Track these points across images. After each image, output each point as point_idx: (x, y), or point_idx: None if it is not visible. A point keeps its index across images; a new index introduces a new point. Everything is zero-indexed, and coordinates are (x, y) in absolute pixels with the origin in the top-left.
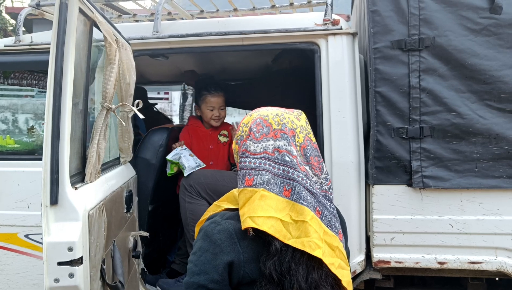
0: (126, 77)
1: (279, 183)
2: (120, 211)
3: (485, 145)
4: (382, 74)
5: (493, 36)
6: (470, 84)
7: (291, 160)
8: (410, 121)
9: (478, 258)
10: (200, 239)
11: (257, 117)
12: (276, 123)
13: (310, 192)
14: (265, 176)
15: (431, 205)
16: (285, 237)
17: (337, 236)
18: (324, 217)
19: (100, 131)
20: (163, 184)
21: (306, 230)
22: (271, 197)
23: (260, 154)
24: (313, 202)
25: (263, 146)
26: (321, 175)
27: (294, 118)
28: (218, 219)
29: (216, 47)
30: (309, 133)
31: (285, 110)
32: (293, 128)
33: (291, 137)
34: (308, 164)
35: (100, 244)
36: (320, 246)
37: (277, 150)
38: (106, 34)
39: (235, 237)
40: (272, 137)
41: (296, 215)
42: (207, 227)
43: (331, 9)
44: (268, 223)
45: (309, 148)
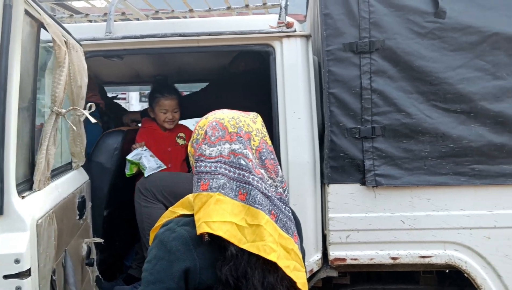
0: (77, 80)
1: (235, 187)
2: (72, 218)
3: (432, 144)
4: (335, 76)
5: (438, 40)
6: (418, 86)
7: (247, 164)
8: (362, 121)
9: (428, 252)
10: (155, 247)
11: (213, 120)
12: (232, 126)
13: (265, 195)
14: (220, 180)
15: (383, 202)
16: (240, 242)
17: (292, 238)
18: (279, 220)
19: (49, 136)
20: (119, 188)
21: (261, 234)
22: (227, 201)
23: (216, 158)
24: (268, 205)
25: (218, 149)
26: (276, 178)
27: (250, 121)
28: (173, 226)
29: (171, 48)
30: (264, 136)
31: (241, 113)
32: (249, 131)
33: (247, 140)
34: (264, 167)
35: (50, 254)
36: (275, 249)
37: (233, 154)
38: (54, 36)
39: (190, 244)
40: (228, 140)
41: (251, 219)
42: (162, 235)
43: (285, 12)
44: (223, 227)
45: (264, 151)
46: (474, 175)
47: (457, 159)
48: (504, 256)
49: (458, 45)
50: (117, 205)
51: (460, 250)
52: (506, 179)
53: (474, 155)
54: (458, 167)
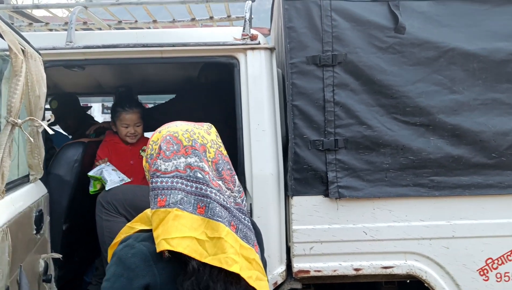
0: (35, 90)
1: (193, 201)
2: (28, 232)
3: (393, 156)
4: (299, 88)
5: (398, 54)
6: (379, 98)
7: (204, 177)
8: (325, 133)
9: (390, 263)
10: (113, 264)
11: (166, 134)
12: (186, 139)
13: (224, 207)
14: (178, 195)
15: (346, 214)
16: (201, 256)
17: (253, 248)
18: (239, 230)
19: (5, 147)
20: (78, 201)
21: (222, 247)
22: (185, 216)
23: (172, 173)
24: (227, 217)
25: (174, 164)
26: (234, 188)
27: (204, 132)
28: (132, 242)
29: (134, 59)
30: (220, 147)
31: (195, 125)
32: (204, 143)
33: (202, 153)
34: (221, 178)
35: (3, 271)
36: (237, 261)
37: (189, 167)
38: (11, 44)
39: (150, 260)
40: (183, 154)
41: (211, 232)
42: (120, 251)
43: (249, 24)
44: (183, 243)
45: (220, 162)
46: (433, 186)
47: (416, 171)
48: (462, 266)
49: (416, 60)
50: (77, 219)
51: (420, 260)
52: (463, 191)
53: (433, 167)
54: (418, 179)
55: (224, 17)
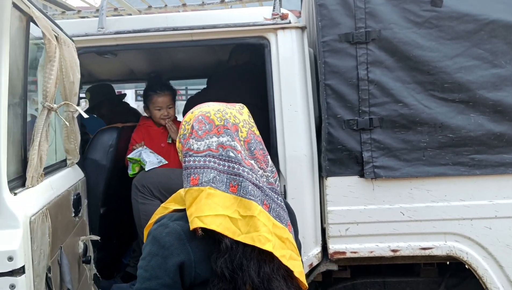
0: (69, 76)
1: (225, 180)
2: (67, 215)
3: (431, 134)
4: (331, 67)
5: (434, 28)
6: (415, 75)
7: (236, 156)
8: (360, 112)
9: (428, 244)
10: (148, 243)
11: (198, 114)
12: (218, 119)
13: (257, 186)
14: (210, 174)
15: (382, 194)
16: (234, 234)
17: (286, 227)
18: (272, 210)
19: (41, 132)
20: (114, 185)
21: (255, 225)
22: (218, 194)
23: (204, 152)
24: (260, 196)
25: (206, 143)
26: (267, 168)
27: (236, 112)
28: (166, 221)
29: (165, 43)
30: (252, 127)
31: (227, 105)
32: (236, 123)
33: (234, 132)
34: (253, 158)
35: (44, 251)
36: (270, 239)
37: (221, 147)
38: (44, 30)
39: (184, 238)
40: (215, 133)
41: (244, 210)
42: (155, 231)
43: (279, 3)
44: (216, 221)
45: (253, 142)
46: (474, 165)
47: (456, 149)
48: (506, 246)
49: (455, 34)
50: (114, 202)
51: (461, 241)
52: (506, 169)
53: (474, 145)
54: (458, 157)
55: None
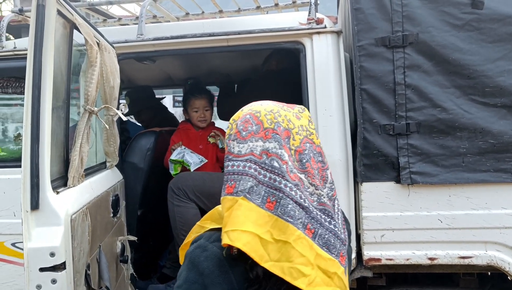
0: (110, 80)
1: (263, 193)
2: (106, 215)
3: (471, 140)
4: (367, 72)
5: (475, 31)
6: (454, 79)
7: (280, 166)
8: (396, 117)
9: (468, 253)
10: (185, 268)
11: (247, 112)
12: (268, 121)
13: (300, 205)
14: (248, 182)
15: (419, 201)
16: (261, 259)
17: (336, 259)
18: (318, 236)
19: (83, 134)
20: (152, 188)
21: (288, 254)
22: (251, 207)
23: (245, 156)
24: (303, 218)
25: (249, 146)
26: (321, 185)
27: (292, 116)
28: (204, 243)
29: (201, 48)
30: (310, 134)
31: (283, 106)
32: (289, 128)
33: (285, 139)
34: (303, 171)
35: (84, 249)
36: (305, 274)
37: (266, 153)
38: (86, 36)
39: (225, 265)
40: (261, 137)
41: (278, 233)
42: (192, 253)
43: (315, 8)
44: (242, 238)
45: (307, 152)
46: None
47: (498, 155)
48: None
49: (497, 36)
50: (151, 205)
51: (503, 251)
52: None
53: None
54: (500, 164)
55: (289, 3)
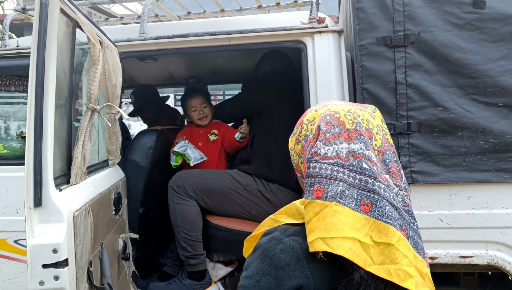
0: (112, 79)
1: (356, 196)
2: (108, 213)
3: (472, 139)
4: (369, 71)
5: (477, 31)
6: (456, 79)
7: (370, 168)
8: (397, 117)
9: (468, 252)
10: (257, 259)
11: (325, 113)
12: (349, 122)
13: (394, 207)
14: (338, 186)
15: (420, 200)
16: (365, 263)
17: (424, 260)
18: (410, 237)
19: (85, 132)
20: (153, 186)
21: (392, 255)
22: (346, 212)
23: (332, 159)
24: (398, 219)
25: (335, 149)
26: (402, 185)
27: (369, 116)
28: (279, 236)
29: (203, 47)
30: (386, 134)
31: (357, 106)
32: (370, 129)
33: (368, 140)
34: (388, 172)
35: (86, 246)
36: (412, 275)
37: (352, 155)
38: (89, 35)
39: (303, 259)
40: (345, 139)
41: (378, 235)
42: (265, 245)
43: (316, 8)
44: (344, 245)
45: (388, 152)
46: None
47: (499, 155)
48: None
49: (499, 36)
50: (152, 203)
51: (504, 251)
52: None
53: None
54: (501, 164)
55: (291, 2)
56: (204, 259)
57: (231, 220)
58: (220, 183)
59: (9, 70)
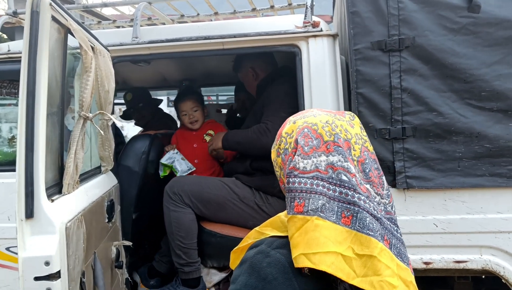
0: (105, 85)
1: (336, 209)
2: (101, 221)
3: (467, 144)
4: (363, 75)
5: (472, 35)
6: (451, 83)
7: (350, 180)
8: (392, 121)
9: (463, 257)
10: (245, 273)
11: (303, 125)
12: (327, 133)
13: (375, 217)
14: (318, 200)
15: (415, 205)
16: (348, 276)
17: (408, 268)
18: (393, 246)
19: (78, 140)
20: (146, 191)
21: (375, 267)
22: (328, 226)
23: (311, 173)
24: (380, 230)
25: (314, 162)
26: (383, 192)
27: (347, 125)
28: (266, 249)
29: (197, 52)
30: (365, 142)
31: (335, 115)
32: (348, 139)
33: (347, 150)
34: (369, 181)
35: (79, 256)
36: (395, 285)
37: (331, 167)
38: (81, 42)
39: (290, 272)
40: (323, 151)
41: (360, 248)
42: (252, 258)
43: (311, 11)
44: (327, 260)
45: (367, 161)
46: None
47: (493, 159)
48: None
49: (493, 40)
50: (146, 208)
51: (498, 255)
52: None
53: None
54: (495, 168)
55: (285, 5)
56: (198, 266)
57: (225, 226)
58: (217, 193)
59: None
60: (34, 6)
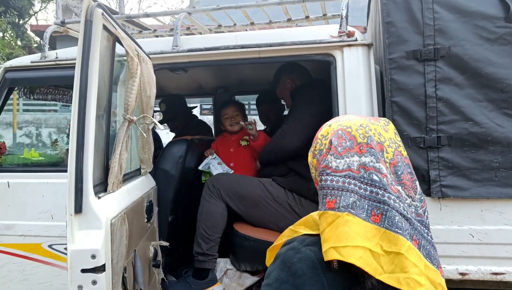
0: (146, 90)
1: (366, 207)
2: (141, 220)
3: (504, 154)
4: (398, 84)
5: (509, 45)
6: (487, 93)
7: (381, 180)
8: (427, 130)
9: (500, 269)
10: (276, 268)
11: (338, 128)
12: (361, 135)
13: (405, 217)
14: (350, 197)
15: (450, 214)
16: (376, 271)
17: (438, 270)
18: (422, 247)
19: (122, 142)
20: (183, 195)
21: (402, 264)
22: (357, 222)
23: (344, 172)
24: (408, 229)
25: (346, 162)
26: (415, 196)
27: (381, 129)
28: (298, 245)
29: (234, 60)
30: (399, 147)
31: (370, 120)
32: (381, 142)
33: (379, 152)
34: (400, 183)
35: (122, 252)
36: (421, 283)
37: (363, 168)
38: (128, 49)
39: (319, 268)
40: (356, 152)
41: (388, 245)
42: (284, 254)
43: (346, 21)
44: (355, 254)
45: (400, 164)
46: None
47: None
48: None
49: None
50: (181, 211)
51: None
52: None
53: None
54: None
55: (320, 16)
56: (213, 259)
57: (258, 230)
58: (252, 190)
59: (48, 81)
60: (88, 15)
